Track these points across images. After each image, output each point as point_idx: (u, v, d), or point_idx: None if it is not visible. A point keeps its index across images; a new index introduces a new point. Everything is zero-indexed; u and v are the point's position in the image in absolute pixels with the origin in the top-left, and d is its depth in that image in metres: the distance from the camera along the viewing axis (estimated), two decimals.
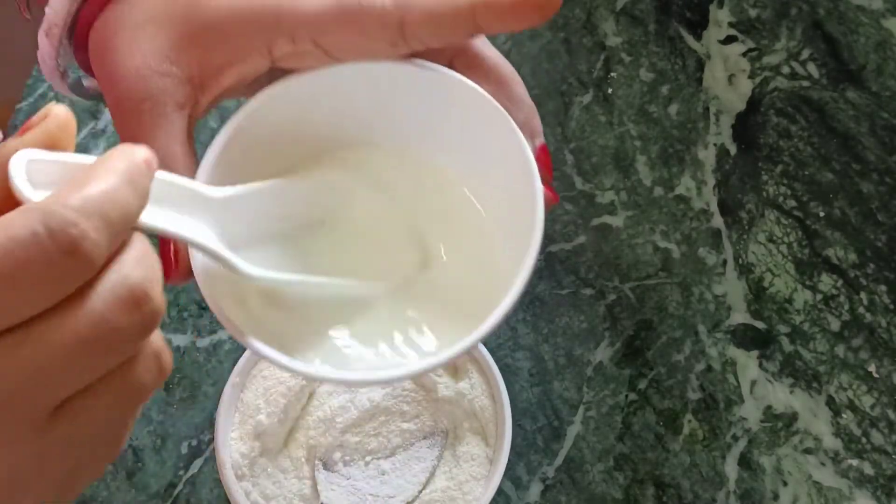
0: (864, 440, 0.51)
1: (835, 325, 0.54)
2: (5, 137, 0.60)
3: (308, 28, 0.36)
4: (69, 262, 0.23)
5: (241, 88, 0.39)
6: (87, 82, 0.44)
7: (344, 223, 0.38)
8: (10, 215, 0.23)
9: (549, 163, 0.38)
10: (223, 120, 0.36)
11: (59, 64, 0.42)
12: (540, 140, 0.38)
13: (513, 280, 0.35)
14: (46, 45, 0.41)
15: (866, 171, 0.58)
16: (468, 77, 0.36)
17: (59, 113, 0.26)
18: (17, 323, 0.23)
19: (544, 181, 0.36)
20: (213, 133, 0.34)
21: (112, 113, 0.40)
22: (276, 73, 0.38)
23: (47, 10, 0.40)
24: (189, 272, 0.36)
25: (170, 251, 0.37)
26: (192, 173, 0.36)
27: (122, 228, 0.25)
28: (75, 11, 0.40)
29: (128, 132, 0.38)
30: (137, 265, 0.25)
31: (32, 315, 0.23)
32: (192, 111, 0.39)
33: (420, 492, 0.48)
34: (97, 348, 0.24)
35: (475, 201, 0.38)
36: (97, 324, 0.24)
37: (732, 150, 0.59)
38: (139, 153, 0.27)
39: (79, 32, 0.40)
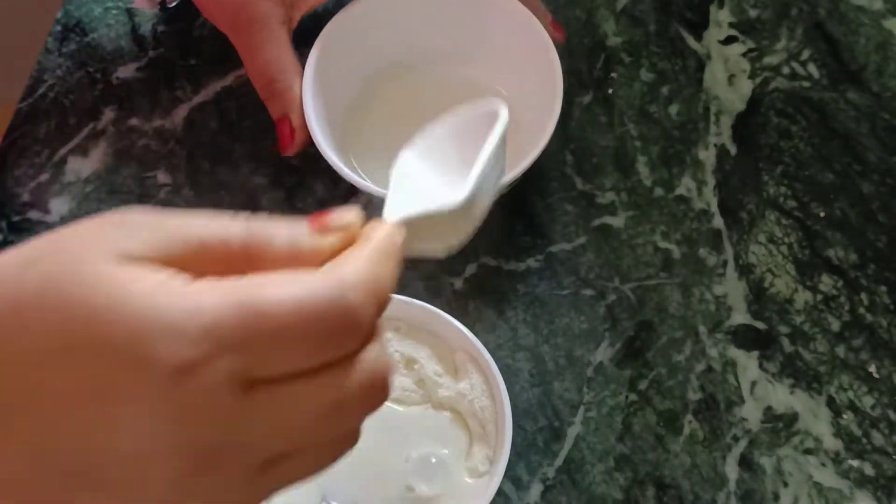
0: (864, 441, 0.51)
1: (835, 325, 0.54)
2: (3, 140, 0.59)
3: None
4: (351, 333, 0.25)
5: (319, 2, 0.52)
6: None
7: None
8: (313, 277, 0.25)
9: (558, 27, 0.53)
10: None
11: None
12: (548, 16, 0.54)
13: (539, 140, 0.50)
14: None
15: (867, 171, 0.58)
16: None
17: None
18: (289, 375, 0.25)
19: (555, 38, 0.52)
20: None
21: (227, 32, 0.51)
22: None
23: None
24: (302, 143, 0.51)
25: (287, 129, 0.49)
26: (301, 71, 0.51)
27: (382, 311, 0.27)
28: None
29: (245, 48, 0.50)
30: (384, 354, 0.27)
31: (303, 370, 0.25)
32: (288, 25, 0.50)
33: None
34: (344, 415, 0.26)
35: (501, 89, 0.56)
36: (354, 395, 0.26)
37: (733, 150, 0.59)
38: (398, 237, 0.30)
39: None
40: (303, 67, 0.51)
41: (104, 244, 0.24)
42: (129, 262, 0.24)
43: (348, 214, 0.29)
